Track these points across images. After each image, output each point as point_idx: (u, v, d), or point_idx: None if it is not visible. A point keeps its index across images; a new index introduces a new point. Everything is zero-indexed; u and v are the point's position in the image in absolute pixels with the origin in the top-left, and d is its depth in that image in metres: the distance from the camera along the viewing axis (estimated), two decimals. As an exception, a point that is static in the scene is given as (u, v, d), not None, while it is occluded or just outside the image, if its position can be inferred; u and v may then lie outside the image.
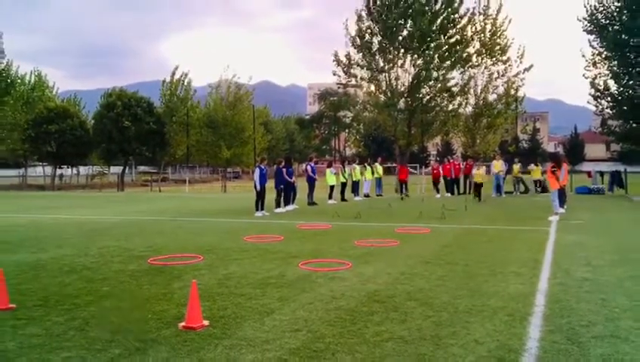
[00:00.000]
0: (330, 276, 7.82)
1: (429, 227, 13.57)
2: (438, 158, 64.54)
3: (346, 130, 58.60)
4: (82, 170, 62.37)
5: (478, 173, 23.45)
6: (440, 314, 5.74)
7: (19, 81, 50.03)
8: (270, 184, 18.30)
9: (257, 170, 17.80)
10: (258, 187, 17.58)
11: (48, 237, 12.85)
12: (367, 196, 25.58)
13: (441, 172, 27.86)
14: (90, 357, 4.61)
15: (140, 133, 42.56)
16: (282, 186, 18.82)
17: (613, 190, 27.24)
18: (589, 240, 11.18)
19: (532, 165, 28.21)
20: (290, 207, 19.38)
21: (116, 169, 54.43)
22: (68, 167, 55.30)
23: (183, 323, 5.47)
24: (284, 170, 18.99)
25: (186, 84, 46.31)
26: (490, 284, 7.17)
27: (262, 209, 17.66)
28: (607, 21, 26.03)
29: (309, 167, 21.72)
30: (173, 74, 45.94)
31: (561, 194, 16.62)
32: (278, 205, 18.82)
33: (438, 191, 27.34)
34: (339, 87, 37.52)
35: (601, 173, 29.21)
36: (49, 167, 52.78)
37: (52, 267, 8.91)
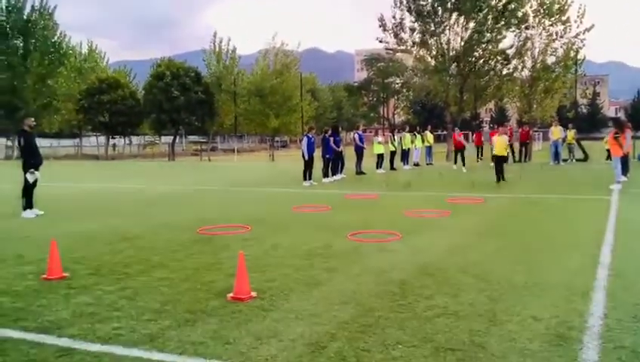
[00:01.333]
0: (380, 247, 7.66)
1: (482, 196, 13.17)
2: (492, 125, 62.74)
3: (395, 97, 57.55)
4: (134, 140, 63.87)
5: (500, 142, 17.34)
6: (494, 289, 5.50)
7: (70, 52, 51.18)
8: (318, 153, 18.16)
9: (305, 139, 17.67)
10: (306, 156, 17.46)
11: (102, 207, 13.14)
12: (417, 165, 25.15)
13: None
14: (140, 327, 4.61)
15: (189, 102, 43.00)
16: (330, 155, 18.62)
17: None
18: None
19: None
20: (337, 177, 19.23)
21: (166, 139, 55.45)
22: (120, 137, 56.66)
23: (231, 294, 5.43)
24: (331, 138, 18.76)
25: (230, 51, 46.23)
26: (549, 258, 6.86)
27: (310, 178, 17.57)
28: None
29: (356, 136, 21.45)
30: (214, 42, 45.86)
31: (625, 162, 15.84)
32: (325, 175, 18.68)
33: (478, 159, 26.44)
34: (387, 53, 36.67)
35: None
36: (102, 136, 54.24)
37: (105, 237, 9.05)
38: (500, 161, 16.99)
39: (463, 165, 22.77)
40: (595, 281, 5.72)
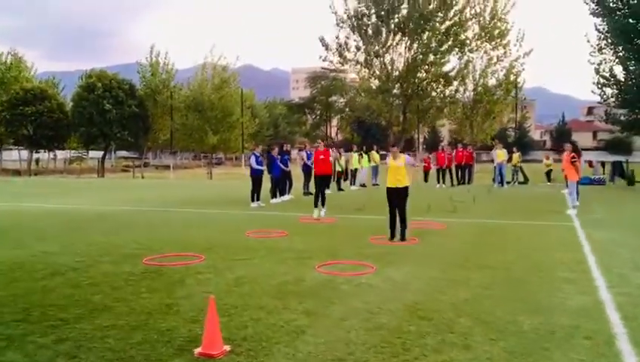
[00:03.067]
0: (356, 282, 6.84)
1: (442, 222, 12.64)
2: (425, 146, 63.61)
3: (338, 116, 57.12)
4: (59, 154, 60.30)
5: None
6: (506, 337, 4.78)
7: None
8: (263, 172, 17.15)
9: (253, 157, 16.69)
10: (254, 175, 16.49)
11: (27, 230, 11.69)
12: (363, 186, 24.58)
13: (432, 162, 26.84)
14: (88, 403, 3.57)
15: (122, 116, 40.94)
16: (277, 175, 17.72)
17: (614, 180, 26.63)
18: (622, 237, 10.34)
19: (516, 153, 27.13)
20: (286, 197, 18.33)
21: (94, 153, 52.63)
22: (45, 151, 53.33)
23: (199, 350, 4.46)
24: (278, 157, 17.87)
25: (167, 65, 44.48)
26: (545, 294, 6.25)
27: (258, 199, 16.60)
28: (615, 5, 25.07)
29: (304, 154, 20.63)
30: (151, 54, 44.08)
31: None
32: (273, 195, 17.75)
33: (438, 181, 26.14)
34: (330, 72, 36.34)
35: (602, 163, 28.56)
36: (25, 150, 50.84)
37: (32, 267, 7.80)
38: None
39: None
40: (611, 326, 5.12)
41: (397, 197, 10.11)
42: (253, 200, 16.54)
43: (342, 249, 9.23)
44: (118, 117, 40.70)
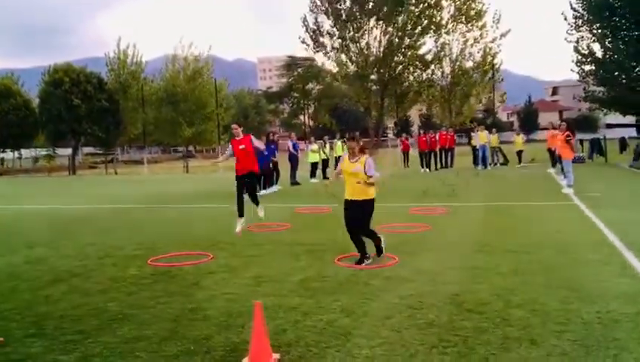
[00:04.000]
0: (384, 275, 6.48)
1: (444, 206, 12.39)
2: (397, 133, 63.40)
3: (315, 103, 56.12)
4: (24, 152, 58.35)
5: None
6: (570, 329, 4.49)
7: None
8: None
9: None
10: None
11: (11, 235, 11.01)
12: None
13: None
14: None
15: (92, 111, 39.68)
16: (264, 166, 17.22)
17: (593, 158, 26.87)
18: (633, 215, 10.19)
19: (515, 135, 27.35)
20: (275, 188, 17.87)
21: (60, 151, 50.96)
22: (11, 150, 51.54)
23: (246, 360, 4.05)
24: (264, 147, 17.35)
25: (135, 56, 43.13)
26: (586, 279, 6.00)
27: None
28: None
29: (290, 144, 20.20)
30: (119, 45, 42.69)
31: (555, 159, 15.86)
32: (262, 187, 17.27)
33: (422, 165, 25.98)
34: (305, 60, 35.79)
35: (581, 142, 28.77)
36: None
37: (29, 275, 7.25)
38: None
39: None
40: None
41: (353, 215, 7.15)
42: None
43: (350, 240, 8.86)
44: (87, 112, 39.46)
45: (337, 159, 23.51)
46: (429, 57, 31.41)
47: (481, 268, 6.59)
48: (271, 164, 17.47)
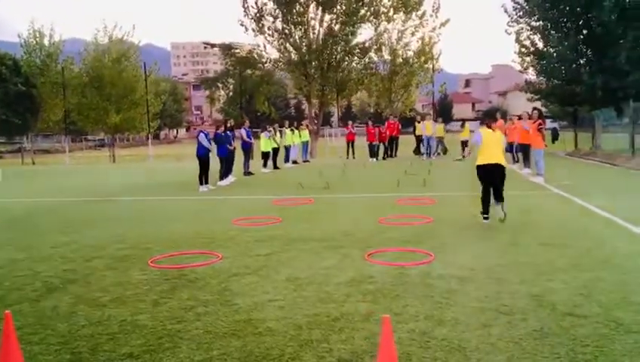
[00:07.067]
0: (433, 274, 5.90)
1: (423, 196, 12.11)
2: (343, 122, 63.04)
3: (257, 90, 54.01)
4: None
5: None
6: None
7: None
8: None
9: (202, 136, 15.06)
10: (202, 156, 14.96)
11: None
12: (295, 163, 23.57)
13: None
14: None
15: (6, 95, 36.42)
16: (225, 155, 16.27)
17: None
18: (618, 203, 10.25)
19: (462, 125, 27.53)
20: (231, 178, 16.90)
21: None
22: None
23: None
24: (224, 135, 16.40)
25: (52, 37, 39.71)
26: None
27: (207, 182, 15.11)
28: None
29: (244, 132, 19.24)
30: (32, 26, 39.16)
31: (527, 153, 16.05)
32: (222, 177, 16.28)
33: (371, 155, 25.74)
34: (235, 48, 34.55)
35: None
36: None
37: (13, 283, 6.13)
38: None
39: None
40: None
41: None
42: (202, 184, 15.03)
43: (362, 233, 8.30)
44: (1, 96, 36.14)
45: (287, 148, 22.99)
46: (367, 45, 31.03)
47: (534, 264, 6.20)
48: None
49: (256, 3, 29.22)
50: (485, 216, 8.75)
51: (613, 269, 5.90)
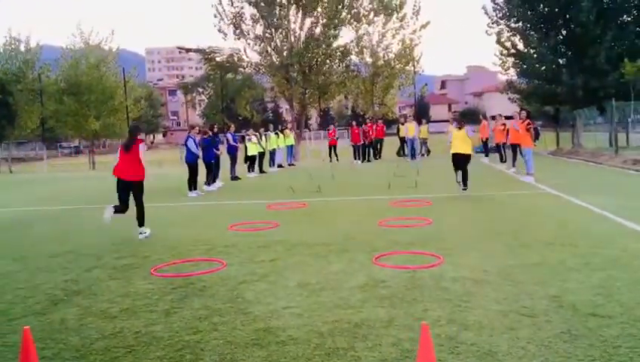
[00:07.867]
0: (447, 277, 5.84)
1: (417, 197, 12.09)
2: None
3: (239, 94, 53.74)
4: None
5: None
6: None
7: None
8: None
9: (191, 141, 14.87)
10: (190, 162, 14.78)
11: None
12: (280, 166, 23.44)
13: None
14: None
15: (-19, 102, 35.63)
16: (213, 160, 16.09)
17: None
18: (612, 201, 10.35)
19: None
20: (219, 184, 16.73)
21: None
22: None
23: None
24: (213, 139, 16.22)
25: (28, 44, 38.98)
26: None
27: (195, 188, 14.93)
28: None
29: (230, 136, 19.06)
30: (9, 33, 38.45)
31: (516, 153, 16.31)
32: (209, 182, 16.09)
33: (355, 157, 25.74)
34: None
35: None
36: None
37: (15, 295, 5.92)
38: None
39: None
40: None
41: None
42: (190, 190, 14.85)
43: (363, 236, 8.23)
44: (-25, 104, 35.35)
45: (272, 152, 22.84)
46: (349, 47, 31.04)
47: (545, 264, 6.19)
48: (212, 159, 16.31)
49: (232, 6, 29.05)
50: (463, 187, 11.94)
51: (625, 268, 5.91)
